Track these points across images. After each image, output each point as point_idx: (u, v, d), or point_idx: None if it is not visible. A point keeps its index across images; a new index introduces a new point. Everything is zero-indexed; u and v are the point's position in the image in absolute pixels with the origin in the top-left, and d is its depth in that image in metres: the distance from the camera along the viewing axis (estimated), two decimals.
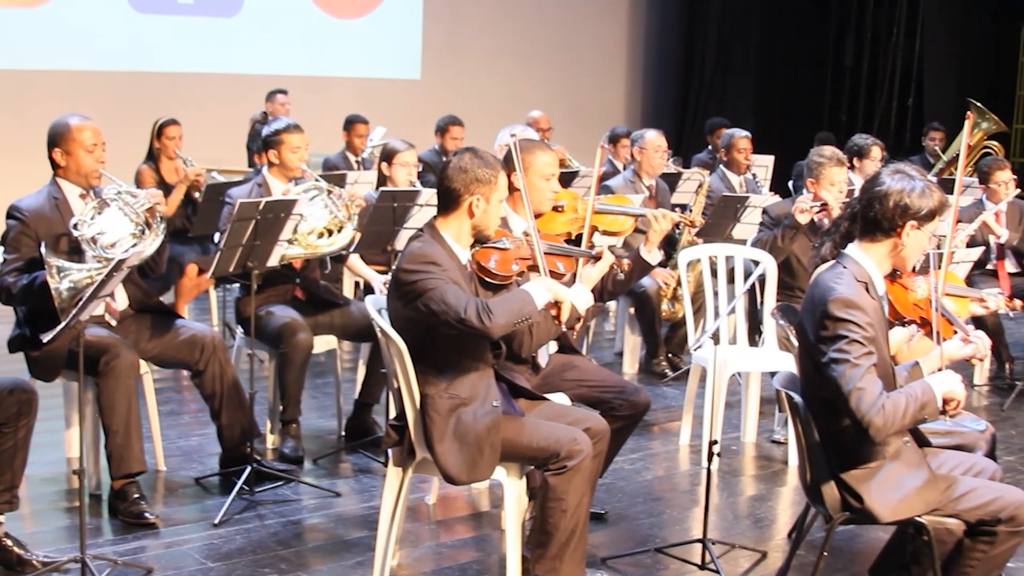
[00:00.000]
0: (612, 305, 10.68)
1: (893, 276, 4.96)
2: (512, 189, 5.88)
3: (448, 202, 5.11)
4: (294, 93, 12.70)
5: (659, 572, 5.73)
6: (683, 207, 9.77)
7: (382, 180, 8.12)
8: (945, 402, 4.58)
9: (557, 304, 5.08)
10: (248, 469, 6.37)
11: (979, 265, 8.90)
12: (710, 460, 5.75)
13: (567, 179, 9.72)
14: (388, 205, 7.19)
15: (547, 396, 5.63)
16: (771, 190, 11.04)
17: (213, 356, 6.46)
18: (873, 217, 4.64)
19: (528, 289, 4.97)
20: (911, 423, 4.54)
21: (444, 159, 8.24)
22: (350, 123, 11.61)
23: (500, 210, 5.19)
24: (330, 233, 6.94)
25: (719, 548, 5.95)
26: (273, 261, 6.61)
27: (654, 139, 9.36)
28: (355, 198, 7.09)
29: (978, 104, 13.90)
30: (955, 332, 5.24)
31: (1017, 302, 6.51)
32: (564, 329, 5.43)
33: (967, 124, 6.49)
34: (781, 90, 17.20)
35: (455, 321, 4.83)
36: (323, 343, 7.21)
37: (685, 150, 15.09)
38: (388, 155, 8.13)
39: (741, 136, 10.34)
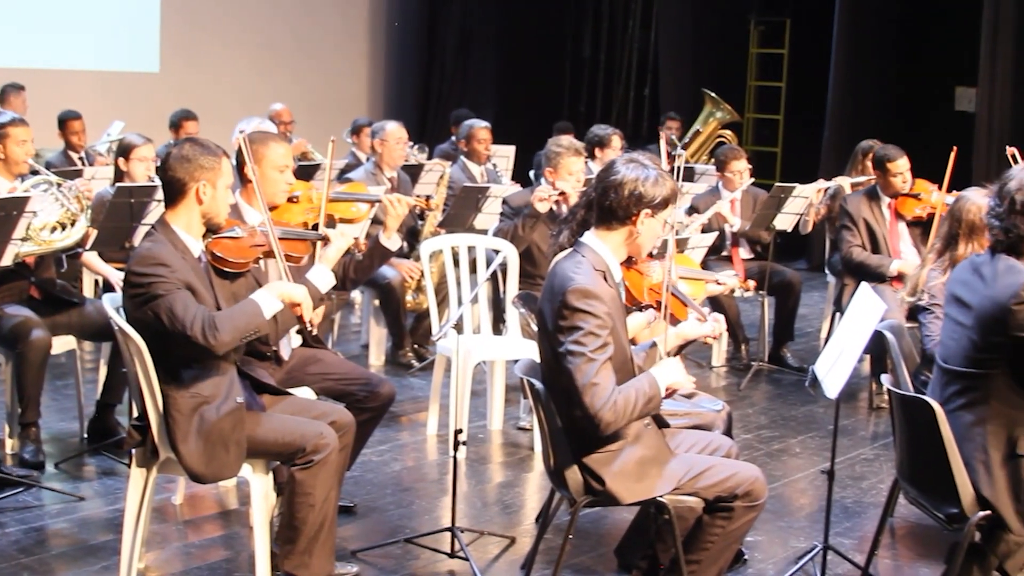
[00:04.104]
0: (357, 297, 10.67)
1: (629, 262, 5.05)
2: (246, 182, 5.84)
3: (174, 193, 5.05)
4: (28, 87, 12.34)
5: (409, 562, 5.77)
6: (428, 198, 9.80)
7: (119, 176, 7.97)
8: (667, 392, 4.73)
9: (295, 304, 5.08)
10: None
11: (714, 251, 9.14)
12: (456, 449, 5.80)
13: (310, 172, 9.69)
14: (125, 201, 7.05)
15: (291, 391, 5.62)
16: (512, 180, 11.15)
17: None
18: (608, 206, 4.72)
19: (257, 300, 4.95)
20: (638, 417, 4.66)
21: None
22: (63, 121, 11.22)
23: (228, 196, 5.15)
24: (63, 227, 6.78)
25: (468, 536, 6.00)
26: (6, 261, 6.41)
27: (394, 131, 9.39)
28: (87, 190, 6.95)
29: (712, 94, 14.29)
30: (690, 313, 5.40)
31: (751, 282, 6.73)
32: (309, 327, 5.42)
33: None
34: (521, 81, 17.36)
35: (180, 336, 4.79)
36: (62, 343, 7.02)
37: (429, 141, 15.12)
38: (125, 150, 7.98)
39: (481, 127, 10.43)
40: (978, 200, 6.01)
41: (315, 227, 5.90)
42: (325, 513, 5.11)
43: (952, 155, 8.25)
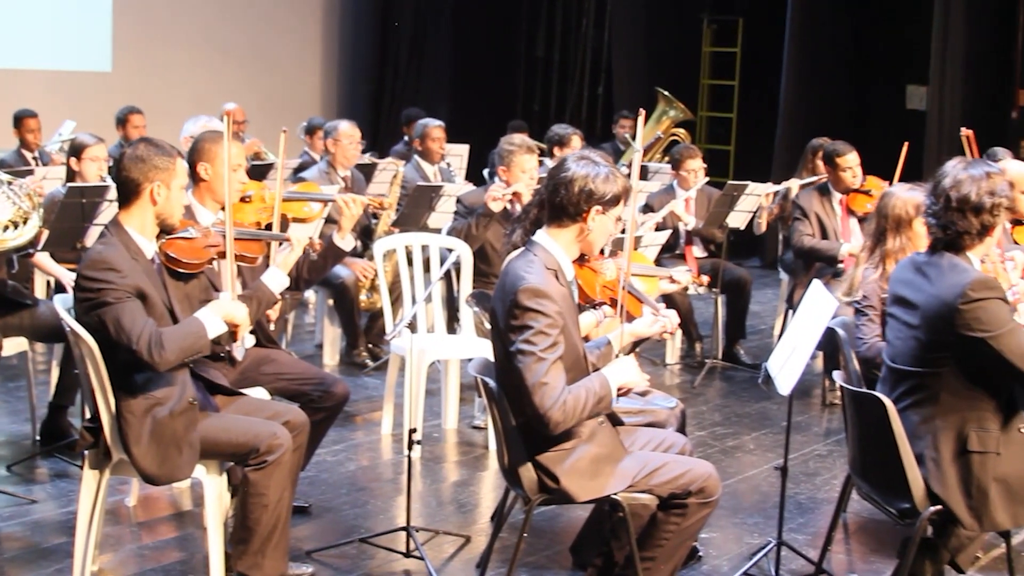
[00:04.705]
0: (311, 297, 10.65)
1: (581, 260, 5.06)
2: (199, 181, 5.82)
3: (128, 193, 5.03)
4: None
5: (364, 562, 5.76)
6: (381, 198, 9.78)
7: (71, 176, 7.93)
8: (621, 391, 4.74)
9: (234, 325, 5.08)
10: None
11: (668, 249, 9.17)
12: (410, 448, 5.79)
13: (262, 171, 9.65)
14: (76, 201, 7.01)
15: (245, 391, 5.60)
16: (467, 179, 11.17)
17: None
18: (559, 203, 4.73)
19: (203, 319, 4.94)
20: (588, 417, 4.67)
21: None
22: (19, 119, 11.15)
23: (182, 197, 5.14)
24: (15, 226, 6.72)
25: (423, 535, 6.00)
26: None
27: (347, 130, 9.35)
28: (38, 187, 6.91)
29: (665, 93, 14.30)
30: (645, 310, 5.41)
31: (704, 278, 6.77)
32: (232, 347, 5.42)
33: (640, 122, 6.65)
34: (475, 80, 17.35)
35: (126, 349, 4.78)
36: (14, 345, 6.96)
37: (382, 141, 15.10)
38: (77, 150, 7.94)
39: (434, 126, 10.42)
40: (902, 195, 6.09)
41: (268, 227, 5.88)
42: (279, 513, 5.10)
43: (904, 150, 8.32)
